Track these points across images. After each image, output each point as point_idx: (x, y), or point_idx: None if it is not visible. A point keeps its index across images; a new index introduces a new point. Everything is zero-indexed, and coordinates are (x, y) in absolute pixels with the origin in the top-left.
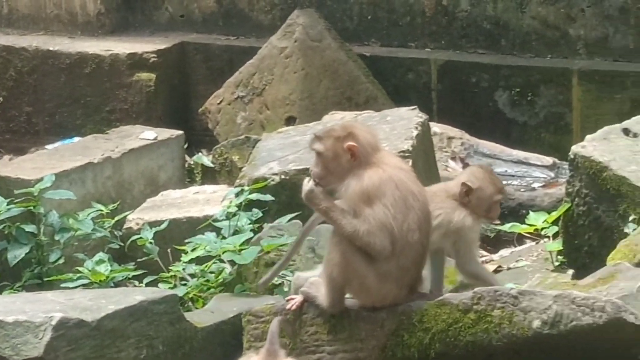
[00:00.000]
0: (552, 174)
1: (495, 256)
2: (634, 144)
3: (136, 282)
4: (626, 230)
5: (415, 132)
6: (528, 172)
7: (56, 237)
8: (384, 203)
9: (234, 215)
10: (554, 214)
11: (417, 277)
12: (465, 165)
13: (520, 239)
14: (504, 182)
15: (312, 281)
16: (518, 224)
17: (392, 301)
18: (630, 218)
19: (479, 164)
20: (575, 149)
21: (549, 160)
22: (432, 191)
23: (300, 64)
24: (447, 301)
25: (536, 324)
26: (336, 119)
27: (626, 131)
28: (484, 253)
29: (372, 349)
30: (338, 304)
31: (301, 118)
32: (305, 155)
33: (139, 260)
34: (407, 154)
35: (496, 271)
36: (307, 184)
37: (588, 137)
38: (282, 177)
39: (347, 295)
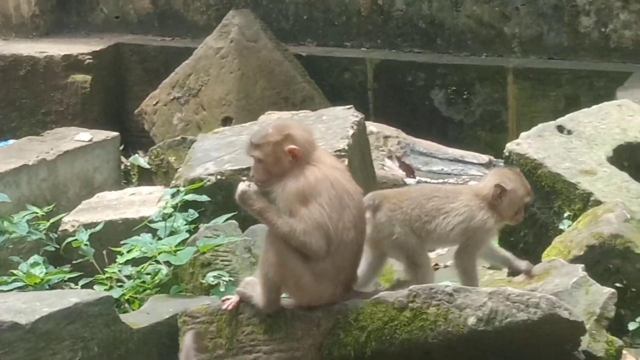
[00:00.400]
0: (487, 172)
1: (432, 254)
2: (568, 141)
3: (72, 285)
4: (561, 226)
5: (351, 131)
6: (464, 170)
7: None
8: (320, 202)
9: (170, 216)
10: None
11: (353, 276)
12: (402, 164)
13: None
14: (441, 181)
15: (248, 281)
16: None
17: (328, 300)
18: (565, 215)
19: (508, 167)
20: (510, 146)
21: (484, 158)
22: (458, 191)
23: (236, 64)
24: (382, 299)
25: (471, 320)
26: (272, 119)
27: (560, 128)
28: None
29: (308, 348)
30: (274, 304)
31: (237, 118)
32: (241, 155)
33: (74, 262)
34: (342, 153)
35: (434, 269)
36: (241, 186)
37: (523, 134)
38: (218, 177)
39: (283, 295)
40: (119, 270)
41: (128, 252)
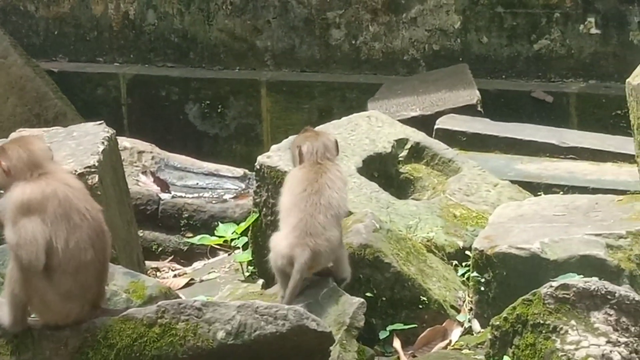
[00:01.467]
0: (243, 185)
1: (188, 269)
2: None
3: None
4: None
5: (101, 147)
6: (219, 184)
7: None
8: (43, 218)
9: None
10: (243, 225)
11: (99, 294)
12: (156, 179)
13: (214, 251)
14: (195, 195)
15: None
16: (208, 236)
17: (76, 318)
18: None
19: None
20: (261, 159)
21: (239, 171)
22: None
23: None
24: (131, 316)
25: (220, 334)
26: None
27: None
28: (177, 266)
29: None
30: (20, 323)
31: None
32: None
33: None
34: (93, 169)
35: (188, 284)
36: None
37: (273, 147)
38: None
39: (33, 315)
40: None
41: None
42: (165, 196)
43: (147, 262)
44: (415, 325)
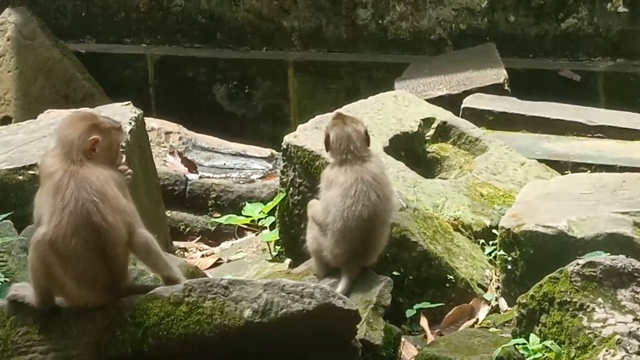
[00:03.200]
0: (270, 165)
1: (216, 249)
2: None
3: None
4: None
5: (129, 128)
6: (247, 164)
7: None
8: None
9: None
10: (269, 205)
11: (114, 280)
12: (184, 160)
13: (241, 231)
14: (223, 175)
15: (20, 285)
16: (235, 215)
17: (96, 303)
18: None
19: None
20: (288, 138)
21: (267, 151)
22: None
23: (13, 62)
24: (158, 295)
25: (247, 313)
26: (52, 116)
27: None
28: (205, 246)
29: (84, 347)
30: (48, 301)
31: (17, 117)
32: (17, 154)
33: None
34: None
35: (216, 264)
36: None
37: (300, 126)
38: None
39: None
40: None
41: None
42: (192, 176)
43: (175, 242)
44: (442, 304)
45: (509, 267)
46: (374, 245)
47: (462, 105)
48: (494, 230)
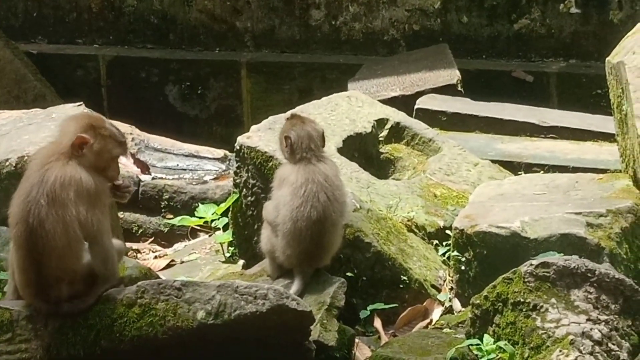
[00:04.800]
0: (223, 166)
1: (169, 250)
2: None
3: None
4: None
5: None
6: (200, 165)
7: None
8: None
9: None
10: (223, 206)
11: (42, 283)
12: (136, 161)
13: (194, 232)
14: (176, 176)
15: None
16: (188, 217)
17: (28, 300)
18: None
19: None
20: (241, 139)
21: (220, 152)
22: None
23: None
24: (111, 297)
25: (201, 314)
26: (3, 117)
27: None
28: (158, 248)
29: (36, 349)
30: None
31: None
32: None
33: None
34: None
35: (169, 265)
36: None
37: (253, 127)
38: None
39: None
40: None
41: None
42: (145, 178)
43: (127, 244)
44: (396, 305)
45: (463, 267)
46: (325, 247)
47: (416, 106)
48: (448, 231)
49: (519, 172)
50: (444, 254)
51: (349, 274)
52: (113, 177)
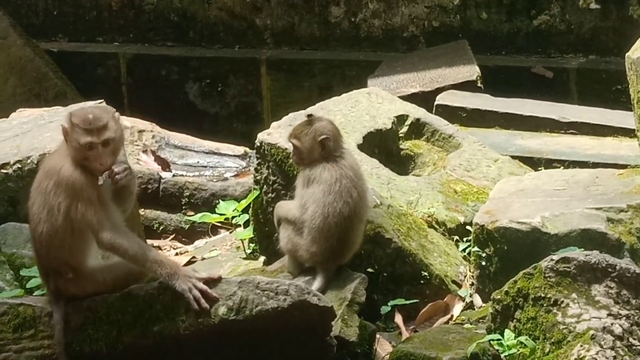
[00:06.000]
0: (243, 163)
1: (190, 247)
2: None
3: None
4: None
5: None
6: (220, 162)
7: None
8: None
9: None
10: (243, 202)
11: (43, 269)
12: (157, 158)
13: (215, 229)
14: (196, 173)
15: None
16: (209, 213)
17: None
18: None
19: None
20: (261, 136)
21: (240, 149)
22: None
23: None
24: (133, 293)
25: (222, 310)
26: (24, 115)
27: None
28: (179, 245)
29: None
30: None
31: None
32: None
33: None
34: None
35: (190, 262)
36: None
37: (274, 124)
38: None
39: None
40: None
41: None
42: (166, 175)
43: (148, 241)
44: (417, 301)
45: (483, 263)
46: (349, 244)
47: (435, 103)
48: (468, 227)
49: (539, 168)
50: (464, 250)
51: (369, 269)
52: (95, 167)
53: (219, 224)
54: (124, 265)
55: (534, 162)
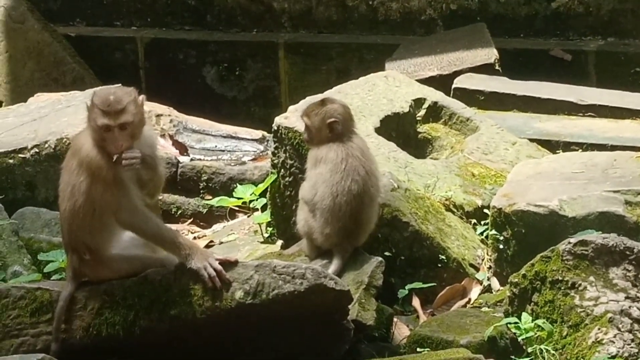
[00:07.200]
0: (261, 147)
1: (207, 231)
2: None
3: None
4: None
5: None
6: (238, 146)
7: None
8: None
9: None
10: (261, 186)
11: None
12: (175, 142)
13: (233, 213)
14: (214, 157)
15: None
16: (227, 197)
17: None
18: None
19: None
20: (279, 120)
21: (258, 133)
22: None
23: (3, 46)
24: (150, 277)
25: (239, 294)
26: (42, 100)
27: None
28: (196, 229)
29: (76, 330)
30: None
31: (7, 101)
32: (7, 138)
33: None
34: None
35: (207, 246)
36: None
37: (291, 107)
38: None
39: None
40: None
41: None
42: (184, 159)
43: (166, 225)
44: (434, 284)
45: (501, 246)
46: (363, 223)
47: (453, 86)
48: (486, 210)
49: (557, 151)
50: (482, 233)
51: (387, 253)
52: (110, 150)
53: (237, 208)
54: (142, 260)
55: (551, 145)
